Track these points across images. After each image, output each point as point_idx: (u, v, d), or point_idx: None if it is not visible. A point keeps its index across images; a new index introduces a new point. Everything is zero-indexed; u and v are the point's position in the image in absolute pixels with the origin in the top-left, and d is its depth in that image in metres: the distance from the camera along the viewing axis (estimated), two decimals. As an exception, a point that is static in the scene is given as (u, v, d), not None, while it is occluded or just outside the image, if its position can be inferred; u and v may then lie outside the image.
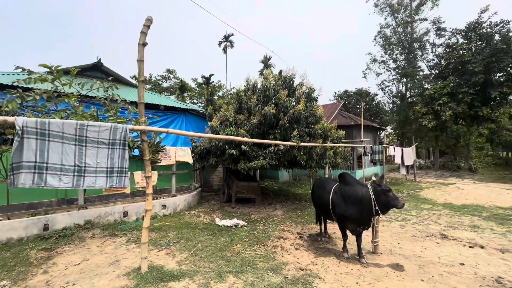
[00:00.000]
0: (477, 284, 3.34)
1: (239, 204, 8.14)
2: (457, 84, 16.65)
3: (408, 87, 23.81)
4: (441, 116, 16.75)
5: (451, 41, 18.95)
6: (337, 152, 7.83)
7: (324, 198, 4.49)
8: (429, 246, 4.72)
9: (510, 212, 7.12)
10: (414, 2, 22.77)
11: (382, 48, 24.32)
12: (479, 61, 15.74)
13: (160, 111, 8.67)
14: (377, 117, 34.14)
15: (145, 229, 3.61)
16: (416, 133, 21.33)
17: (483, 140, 18.35)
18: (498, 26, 16.26)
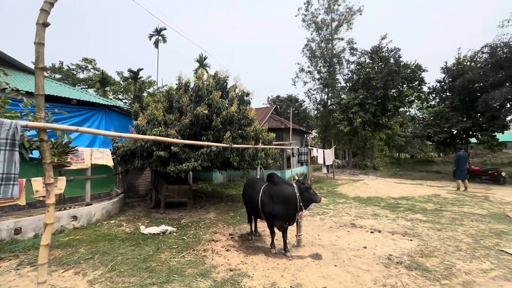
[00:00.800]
0: (374, 263, 4.02)
1: (169, 209, 7.66)
2: (365, 96, 19.87)
3: (329, 96, 27.10)
4: (353, 123, 19.69)
5: (360, 59, 22.55)
6: (268, 153, 8.24)
7: (254, 198, 4.65)
8: (342, 235, 5.44)
9: (399, 201, 8.87)
10: (334, 22, 26.15)
11: (309, 59, 27.01)
12: (380, 78, 19.21)
13: (72, 106, 7.39)
14: (304, 122, 37.62)
15: (44, 247, 2.96)
16: (335, 136, 24.46)
17: (382, 143, 22.36)
18: (392, 51, 20.20)
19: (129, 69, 30.05)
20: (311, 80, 27.50)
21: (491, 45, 14.71)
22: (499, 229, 5.54)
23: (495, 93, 13.29)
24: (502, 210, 7.33)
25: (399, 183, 13.56)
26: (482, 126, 15.31)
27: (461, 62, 17.25)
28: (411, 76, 19.70)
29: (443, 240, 4.94)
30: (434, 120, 17.16)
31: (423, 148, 31.30)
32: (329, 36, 25.99)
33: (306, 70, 27.65)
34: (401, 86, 19.99)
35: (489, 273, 3.58)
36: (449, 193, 10.28)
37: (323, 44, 26.20)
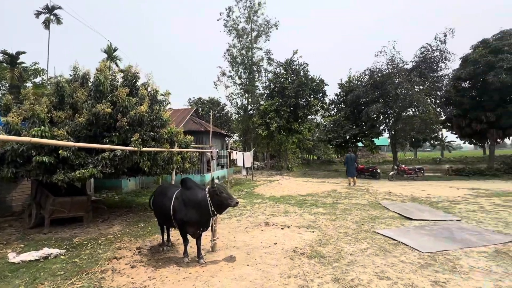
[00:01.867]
0: (282, 257, 4.35)
1: (59, 226, 6.27)
2: (280, 104, 21.77)
3: (249, 101, 28.38)
4: (270, 127, 21.24)
5: (276, 70, 24.64)
6: (185, 157, 7.87)
7: (166, 205, 4.31)
8: (256, 234, 5.68)
9: (306, 198, 10.03)
10: (253, 32, 27.67)
11: (230, 64, 27.63)
12: (292, 88, 21.47)
13: None
14: (226, 125, 38.15)
15: None
16: (254, 140, 25.78)
17: (294, 146, 24.99)
18: (302, 66, 22.95)
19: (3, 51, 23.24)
20: (233, 84, 28.19)
21: (370, 69, 18.67)
22: (374, 215, 6.99)
23: (373, 107, 16.91)
24: (377, 199, 9.31)
25: (307, 181, 15.38)
26: (365, 133, 19.22)
27: (351, 80, 21.23)
28: (316, 88, 22.87)
29: (336, 229, 5.83)
30: (333, 127, 20.46)
31: (326, 150, 36.66)
32: (249, 45, 27.32)
33: (227, 75, 28.16)
34: (309, 96, 22.94)
35: (366, 252, 4.44)
36: (343, 188, 12.35)
37: (243, 51, 27.30)
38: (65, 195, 6.36)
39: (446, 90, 17.64)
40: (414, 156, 41.77)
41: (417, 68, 17.15)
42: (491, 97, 16.29)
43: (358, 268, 3.79)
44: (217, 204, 3.96)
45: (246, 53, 27.28)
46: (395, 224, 6.13)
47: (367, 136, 19.34)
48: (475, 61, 16.55)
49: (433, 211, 7.26)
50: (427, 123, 17.09)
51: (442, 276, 3.48)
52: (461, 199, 9.08)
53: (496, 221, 6.12)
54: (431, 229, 5.57)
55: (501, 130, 17.02)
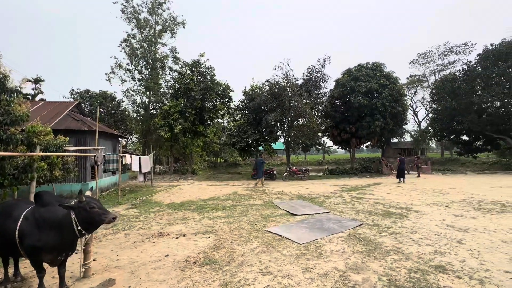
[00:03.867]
0: (172, 269, 4.09)
1: None
2: (185, 105, 20.95)
3: (151, 99, 25.96)
4: (173, 129, 20.07)
5: (182, 70, 23.64)
6: (55, 162, 6.31)
7: (9, 229, 3.25)
8: (145, 248, 5.13)
9: (207, 202, 9.96)
10: (158, 26, 25.60)
11: (128, 56, 24.49)
12: (199, 91, 21.11)
13: None
14: (123, 124, 33.43)
15: None
16: (156, 142, 23.72)
17: (199, 149, 24.56)
18: (209, 69, 22.96)
19: None
20: (131, 79, 25.08)
21: (270, 81, 20.72)
22: (267, 214, 7.67)
23: (271, 115, 18.78)
24: (271, 199, 10.30)
25: (210, 185, 15.38)
26: (265, 138, 21.10)
27: (254, 89, 22.90)
28: (223, 93, 23.36)
29: (232, 231, 6.02)
30: (237, 132, 21.38)
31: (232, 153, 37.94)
32: (152, 38, 25.09)
33: (125, 67, 24.83)
34: (215, 100, 23.17)
35: (255, 250, 4.76)
36: (244, 190, 13.04)
37: (145, 44, 24.81)
38: None
39: (325, 106, 21.78)
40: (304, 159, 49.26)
41: (305, 84, 20.39)
42: (353, 113, 21.25)
43: (246, 268, 4.00)
44: (86, 221, 3.26)
45: (148, 47, 24.88)
46: (283, 220, 6.91)
47: (267, 141, 21.34)
48: (343, 85, 21.25)
49: (312, 206, 8.66)
50: (312, 131, 20.47)
51: (311, 263, 4.13)
52: (332, 194, 11.27)
53: (351, 210, 7.90)
54: (309, 222, 6.59)
55: (359, 138, 22.44)
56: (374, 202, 9.20)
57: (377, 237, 5.31)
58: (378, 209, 7.97)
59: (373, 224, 6.29)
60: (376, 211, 7.70)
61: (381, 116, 19.90)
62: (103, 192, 12.80)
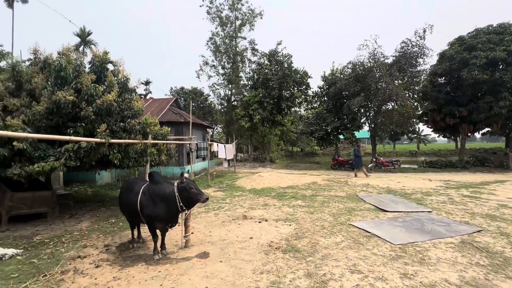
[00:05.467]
0: (257, 252, 4.27)
1: (20, 223, 5.81)
2: (263, 95, 21.53)
3: (232, 92, 27.88)
4: (253, 119, 21.01)
5: (260, 60, 24.23)
6: (161, 149, 7.55)
7: (132, 200, 4.09)
8: (232, 229, 5.57)
9: (286, 190, 10.05)
10: (237, 21, 26.92)
11: (213, 53, 26.83)
12: (276, 80, 21.25)
13: None
14: (209, 116, 37.46)
15: None
16: (237, 131, 25.49)
17: (277, 138, 25.00)
18: (286, 57, 22.72)
19: (-40, 31, 21.09)
20: (216, 74, 27.49)
21: (352, 63, 18.80)
22: (351, 207, 7.09)
23: (354, 101, 17.12)
24: (355, 191, 9.49)
25: (288, 173, 15.47)
26: (347, 126, 19.51)
27: (334, 73, 21.33)
28: (300, 81, 22.80)
29: (313, 222, 5.84)
30: (315, 120, 20.58)
31: (309, 143, 37.10)
32: (233, 34, 26.59)
33: (210, 64, 27.37)
34: (293, 88, 22.86)
35: (340, 245, 4.45)
36: (323, 180, 12.51)
37: (227, 40, 26.56)
38: (27, 190, 5.88)
39: (424, 85, 18.18)
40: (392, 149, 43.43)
41: (397, 62, 17.47)
42: (464, 92, 17.00)
43: (331, 262, 3.78)
44: (186, 199, 3.82)
45: (229, 42, 26.56)
46: (370, 216, 6.24)
47: (348, 129, 19.66)
48: (451, 58, 17.12)
49: (407, 202, 7.49)
50: (405, 117, 17.59)
51: (411, 268, 3.54)
52: (433, 190, 9.46)
53: (464, 212, 6.40)
54: (404, 220, 5.71)
55: (472, 124, 17.91)
56: (498, 204, 7.19)
57: (507, 250, 4.11)
58: (506, 214, 6.18)
59: (499, 233, 4.90)
60: (503, 216, 5.98)
61: (509, 94, 15.19)
62: (196, 175, 14.73)
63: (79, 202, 8.18)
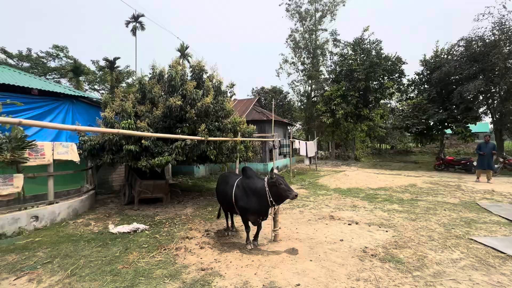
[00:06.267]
0: (349, 256, 3.98)
1: (144, 205, 7.33)
2: (347, 88, 20.02)
3: (312, 87, 27.14)
4: (336, 114, 19.84)
5: (343, 51, 22.59)
6: (248, 146, 8.05)
7: (228, 192, 4.48)
8: (319, 228, 5.39)
9: (377, 192, 9.03)
10: (317, 13, 25.93)
11: (292, 50, 26.78)
12: (362, 70, 19.36)
13: (33, 97, 6.77)
14: (289, 113, 37.70)
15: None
16: (318, 128, 24.66)
17: (363, 134, 22.79)
18: (374, 43, 20.36)
19: (104, 58, 28.46)
20: (295, 71, 27.40)
21: (466, 39, 15.12)
22: (470, 218, 5.72)
23: (469, 86, 13.75)
24: (473, 198, 7.63)
25: (378, 173, 13.87)
26: (457, 118, 15.88)
27: (439, 55, 17.68)
28: (391, 69, 20.03)
29: (417, 231, 5.01)
30: (412, 112, 17.62)
31: (402, 139, 32.30)
32: (313, 27, 25.79)
33: (290, 61, 27.46)
34: (382, 78, 20.31)
35: (459, 263, 3.64)
36: (425, 182, 10.61)
37: (306, 35, 26.00)
38: (149, 178, 7.36)
39: None
40: (527, 146, 32.78)
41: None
42: None
43: (448, 282, 3.13)
44: (275, 195, 3.92)
45: (309, 37, 25.92)
46: (502, 231, 4.86)
47: (460, 122, 15.92)
48: None
49: None
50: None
51: None
52: None
53: None
54: (562, 243, 4.18)
55: None
56: None
57: None
58: None
59: None
60: None
61: None
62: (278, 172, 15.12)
63: (183, 191, 9.67)
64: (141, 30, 32.98)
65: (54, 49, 28.45)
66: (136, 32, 32.46)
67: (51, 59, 28.95)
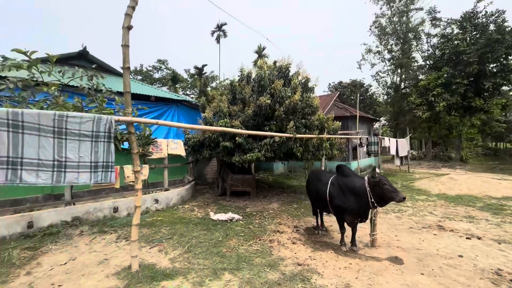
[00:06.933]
0: (477, 277, 3.29)
1: (234, 197, 7.99)
2: (451, 75, 16.65)
3: (402, 78, 23.78)
4: (435, 107, 16.80)
5: (446, 31, 18.85)
6: (333, 143, 7.71)
7: (321, 190, 4.38)
8: (426, 238, 4.68)
9: (502, 202, 7.18)
10: (409, -10, 22.46)
11: (377, 38, 24.11)
12: (474, 51, 15.71)
13: (151, 102, 8.34)
14: (370, 109, 34.22)
15: (134, 226, 3.42)
16: (409, 123, 21.45)
17: (474, 130, 18.55)
18: (493, 16, 16.17)
19: (195, 66, 32.52)
20: (380, 61, 24.60)
21: None
22: None
23: None
24: None
25: (500, 179, 11.00)
26: None
27: None
28: (520, 45, 15.45)
29: None
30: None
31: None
32: (404, 8, 22.50)
33: (374, 51, 24.85)
34: (505, 58, 15.93)
35: None
36: None
37: (395, 18, 22.92)
38: (238, 173, 7.99)
39: None
40: None
41: None
42: None
43: None
44: (378, 195, 3.58)
45: (398, 20, 22.77)
46: None
47: None
48: None
49: None
50: None
51: None
52: None
53: None
54: None
55: None
56: None
57: None
58: None
59: None
60: None
61: None
62: (361, 172, 13.94)
63: (266, 186, 10.08)
64: (223, 37, 36.13)
65: (158, 62, 34.42)
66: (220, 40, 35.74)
67: (156, 71, 35.14)
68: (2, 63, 3.34)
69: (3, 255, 3.76)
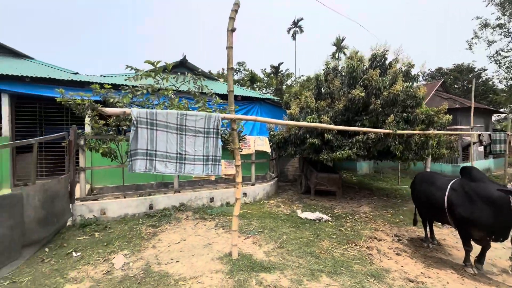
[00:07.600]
0: None
1: (318, 196, 7.70)
2: None
3: (539, 55, 17.96)
4: None
5: None
6: (441, 141, 6.43)
7: (435, 195, 3.67)
8: None
9: None
10: None
11: (500, 7, 18.89)
12: None
13: (237, 102, 8.90)
14: (484, 98, 27.28)
15: (235, 217, 3.64)
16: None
17: None
18: None
19: (271, 65, 33.26)
20: (503, 36, 19.22)
21: None
22: None
23: None
24: None
25: None
26: None
27: None
28: None
29: None
30: None
31: None
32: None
33: (492, 25, 19.60)
34: None
35: None
36: None
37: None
38: (322, 171, 7.65)
39: None
40: None
41: None
42: None
43: None
44: None
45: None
46: None
47: None
48: None
49: None
50: None
51: None
52: None
53: None
54: None
55: None
56: None
57: None
58: None
59: None
60: None
61: None
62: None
63: (350, 187, 9.32)
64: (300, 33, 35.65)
65: (237, 65, 36.84)
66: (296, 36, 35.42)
67: (235, 73, 37.74)
68: (136, 74, 4.10)
69: (135, 229, 4.67)
